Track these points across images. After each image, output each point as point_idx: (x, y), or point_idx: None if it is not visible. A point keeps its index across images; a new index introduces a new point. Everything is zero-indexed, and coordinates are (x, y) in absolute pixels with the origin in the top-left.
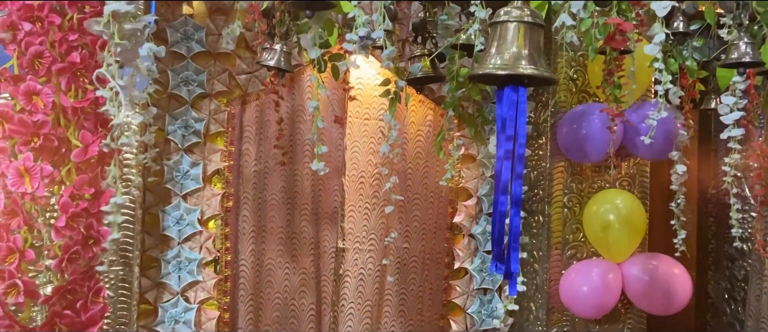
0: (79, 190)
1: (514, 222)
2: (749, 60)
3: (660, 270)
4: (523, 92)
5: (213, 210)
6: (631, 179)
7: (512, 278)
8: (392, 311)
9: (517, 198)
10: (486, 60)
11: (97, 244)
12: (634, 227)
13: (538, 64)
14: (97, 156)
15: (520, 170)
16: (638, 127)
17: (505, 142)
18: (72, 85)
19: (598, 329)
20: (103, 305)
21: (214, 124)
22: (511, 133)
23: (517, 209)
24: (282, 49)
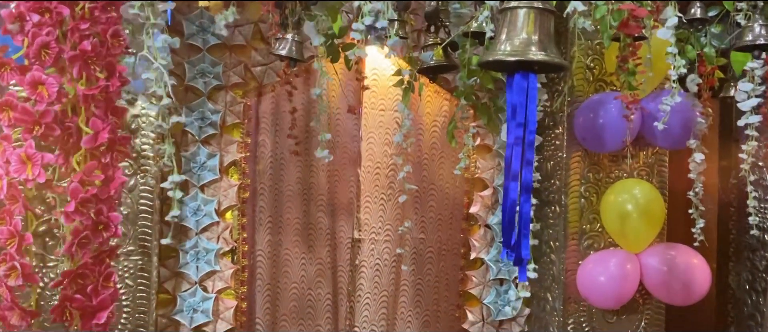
0: (88, 176)
1: (524, 208)
2: (764, 42)
3: (678, 260)
4: (533, 79)
5: (230, 200)
6: (649, 169)
7: (523, 264)
8: (408, 301)
9: (528, 184)
10: (496, 47)
11: (108, 229)
12: (653, 217)
13: (548, 49)
14: (107, 143)
15: (530, 157)
16: (656, 116)
17: (516, 128)
18: (83, 73)
19: (616, 320)
20: (114, 290)
21: (230, 115)
22: (521, 119)
23: (527, 196)
24: (294, 39)
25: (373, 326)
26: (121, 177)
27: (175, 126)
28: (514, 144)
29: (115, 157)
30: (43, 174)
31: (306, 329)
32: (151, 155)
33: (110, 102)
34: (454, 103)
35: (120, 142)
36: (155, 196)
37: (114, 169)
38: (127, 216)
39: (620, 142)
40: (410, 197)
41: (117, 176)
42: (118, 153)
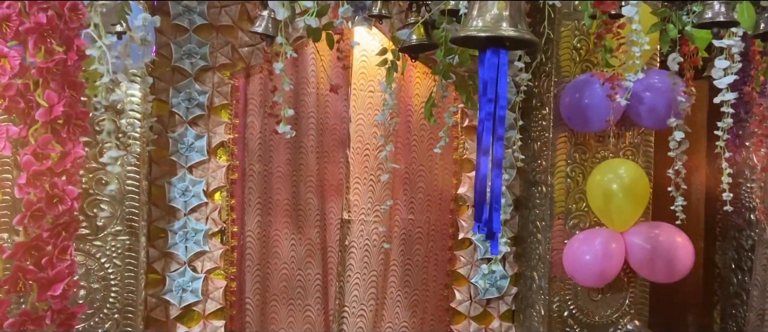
0: (43, 149)
1: (495, 183)
2: (723, 19)
3: (662, 238)
4: (504, 55)
5: (218, 181)
6: (635, 149)
7: (494, 238)
8: (397, 281)
9: (498, 159)
10: (468, 22)
11: (63, 203)
12: (637, 196)
13: (519, 25)
14: (63, 117)
15: (501, 132)
16: (642, 96)
17: (487, 104)
18: (40, 45)
19: (601, 298)
20: (71, 262)
21: (217, 96)
22: (492, 95)
23: (498, 171)
24: (269, 16)
25: (363, 306)
26: (79, 152)
27: (161, 106)
28: (485, 119)
29: (72, 130)
30: (9, 147)
31: (296, 309)
32: (138, 135)
33: (68, 76)
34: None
35: (78, 117)
36: (142, 177)
37: (72, 143)
38: (113, 196)
39: (605, 122)
40: (399, 178)
41: (75, 150)
42: (75, 127)
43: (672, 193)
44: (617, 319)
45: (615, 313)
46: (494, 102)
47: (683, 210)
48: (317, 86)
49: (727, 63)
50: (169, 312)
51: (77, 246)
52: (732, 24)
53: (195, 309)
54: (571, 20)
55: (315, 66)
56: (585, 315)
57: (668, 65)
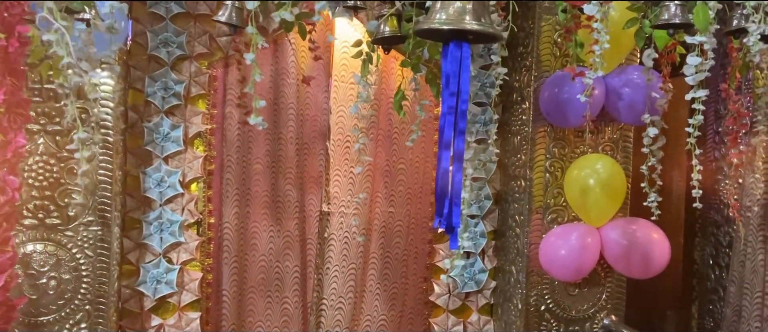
0: None
1: (455, 177)
2: (678, 21)
3: (638, 234)
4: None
5: (195, 172)
6: (613, 144)
7: (453, 233)
8: (376, 274)
9: (459, 154)
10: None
11: (3, 193)
12: (614, 191)
13: (482, 19)
14: (3, 105)
15: (462, 126)
16: (620, 92)
17: (449, 98)
18: None
19: (578, 292)
20: (12, 254)
21: (195, 86)
22: (454, 89)
23: (459, 165)
24: (233, 5)
25: (341, 298)
26: (20, 141)
27: (136, 95)
28: (447, 113)
29: (13, 119)
30: None
31: (273, 301)
32: (111, 124)
33: (9, 63)
34: (422, 77)
35: (19, 105)
36: (116, 166)
37: (14, 133)
38: (86, 185)
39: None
40: (379, 170)
41: (16, 140)
42: (17, 116)
43: (645, 189)
44: (594, 314)
45: (592, 308)
46: (456, 96)
47: (663, 207)
48: (297, 77)
49: (699, 60)
50: (144, 303)
51: (48, 236)
52: (687, 26)
53: (170, 301)
54: (551, 15)
55: (295, 56)
56: (562, 309)
57: (643, 61)
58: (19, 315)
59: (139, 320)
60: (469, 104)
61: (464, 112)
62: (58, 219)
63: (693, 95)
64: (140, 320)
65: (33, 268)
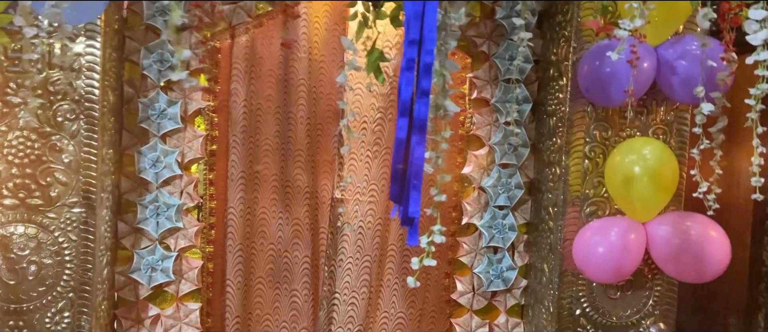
0: None
1: (416, 152)
2: None
3: (692, 231)
4: None
5: (195, 152)
6: (666, 127)
7: (412, 225)
8: (395, 267)
9: (421, 121)
10: None
11: None
12: (663, 181)
13: None
14: None
15: (425, 85)
16: (675, 65)
17: (409, 48)
18: None
19: (620, 296)
20: None
21: (194, 59)
22: (415, 36)
23: (420, 136)
24: None
25: (355, 292)
26: None
27: (133, 68)
28: (406, 68)
29: None
30: None
31: (282, 293)
32: (95, 98)
33: None
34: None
35: None
36: (103, 144)
37: None
38: (68, 163)
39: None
40: None
41: None
42: None
43: (696, 178)
44: (638, 321)
45: (636, 314)
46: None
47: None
48: (309, 51)
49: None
50: (139, 291)
51: (29, 218)
52: None
53: (167, 290)
54: None
55: (307, 28)
56: (600, 314)
57: (698, 22)
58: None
59: (135, 309)
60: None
61: (429, 67)
62: (39, 199)
63: (755, 58)
64: (136, 309)
65: (12, 252)
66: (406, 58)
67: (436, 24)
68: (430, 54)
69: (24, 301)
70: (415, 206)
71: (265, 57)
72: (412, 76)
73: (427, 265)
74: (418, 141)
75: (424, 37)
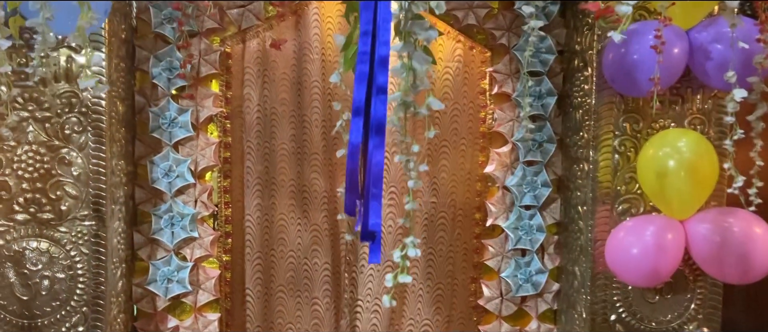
0: None
1: (374, 157)
2: None
3: (736, 228)
4: None
5: (208, 160)
6: (704, 116)
7: (373, 240)
8: (420, 272)
9: (379, 122)
10: None
11: None
12: (701, 175)
13: None
14: None
15: (381, 81)
16: (709, 49)
17: (362, 40)
18: None
19: (659, 300)
20: None
21: (205, 65)
22: (368, 27)
23: (379, 139)
24: None
25: (377, 299)
26: None
27: (144, 78)
28: (360, 62)
29: None
30: None
31: (303, 301)
32: (102, 109)
33: None
34: (467, 45)
35: None
36: (112, 156)
37: None
38: (77, 176)
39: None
40: (419, 155)
41: None
42: None
43: (730, 171)
44: (680, 326)
45: (677, 319)
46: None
47: None
48: (322, 52)
49: None
50: (157, 303)
51: (40, 232)
52: None
53: (185, 301)
54: None
55: (319, 29)
56: (637, 319)
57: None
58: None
59: (153, 321)
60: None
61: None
62: (50, 213)
63: None
64: (155, 321)
65: (25, 267)
66: (359, 52)
67: (390, 13)
68: (385, 45)
69: (38, 316)
70: (375, 218)
71: (279, 60)
72: (366, 72)
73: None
74: (377, 144)
75: (378, 28)
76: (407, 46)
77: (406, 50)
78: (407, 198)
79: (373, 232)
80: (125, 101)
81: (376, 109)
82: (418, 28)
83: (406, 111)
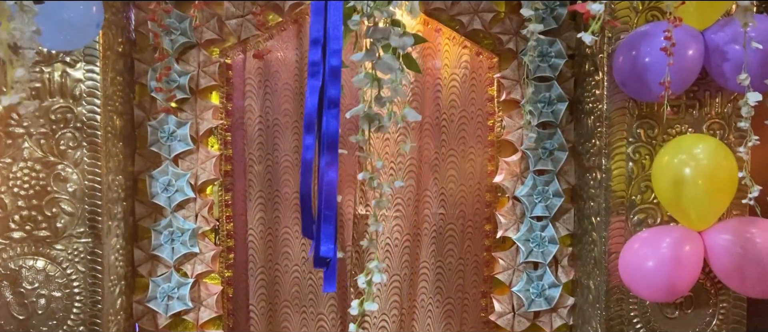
0: None
1: (327, 175)
2: None
3: (758, 239)
4: None
5: (208, 174)
6: (724, 121)
7: (326, 267)
8: (429, 287)
9: (331, 138)
10: None
11: None
12: (720, 183)
13: None
14: None
15: (333, 94)
16: (725, 51)
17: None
18: None
19: (679, 315)
20: None
21: (204, 77)
22: (318, 34)
23: (331, 156)
24: None
25: (384, 315)
26: None
27: (143, 91)
28: (311, 74)
29: None
30: None
31: (308, 317)
32: (97, 124)
33: None
34: (473, 51)
35: None
36: (107, 171)
37: None
38: (73, 193)
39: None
40: (427, 164)
41: None
42: None
43: (744, 180)
44: None
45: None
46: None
47: None
48: None
49: None
50: (158, 321)
51: (37, 250)
52: None
53: (187, 319)
54: None
55: None
56: None
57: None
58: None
59: None
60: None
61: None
62: (46, 231)
63: None
64: None
65: (22, 286)
66: (309, 62)
67: (340, 20)
68: (336, 55)
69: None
70: (327, 243)
71: (281, 70)
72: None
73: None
74: (329, 162)
75: (329, 36)
76: (369, 54)
77: (368, 59)
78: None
79: (326, 258)
80: (123, 115)
81: (327, 124)
82: (382, 35)
83: (370, 125)
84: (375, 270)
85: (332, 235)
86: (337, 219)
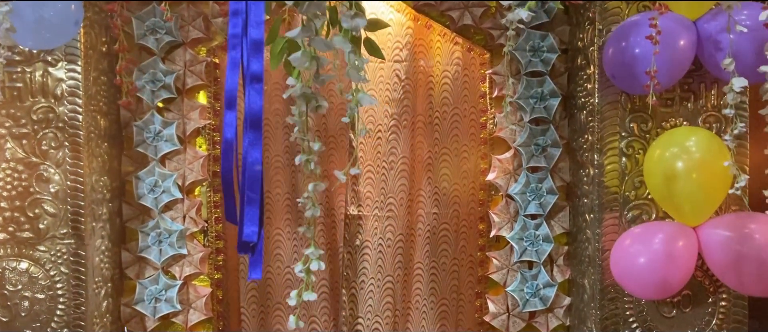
0: None
1: (250, 155)
2: None
3: (756, 235)
4: None
5: (196, 174)
6: (720, 114)
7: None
8: (423, 288)
9: (254, 116)
10: None
11: None
12: (714, 177)
13: None
14: None
15: (255, 68)
16: (718, 40)
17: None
18: None
19: (676, 314)
20: None
21: (190, 76)
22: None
23: (255, 135)
24: None
25: (378, 316)
26: None
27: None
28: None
29: None
30: None
31: (300, 319)
32: (79, 123)
33: None
34: (465, 47)
35: None
36: (90, 172)
37: None
38: (55, 193)
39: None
40: (420, 163)
41: None
42: None
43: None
44: None
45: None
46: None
47: None
48: None
49: None
50: (146, 324)
51: (20, 252)
52: None
53: (175, 321)
54: None
55: None
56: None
57: None
58: None
59: None
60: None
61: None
62: (29, 232)
63: None
64: None
65: (5, 288)
66: (229, 35)
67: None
68: (258, 27)
69: None
70: (251, 226)
71: (269, 69)
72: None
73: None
74: (252, 141)
75: (250, 7)
76: (305, 30)
77: (304, 35)
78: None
79: (250, 243)
80: (108, 115)
81: (250, 101)
82: (317, 9)
83: (307, 104)
84: (312, 256)
85: (257, 219)
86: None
